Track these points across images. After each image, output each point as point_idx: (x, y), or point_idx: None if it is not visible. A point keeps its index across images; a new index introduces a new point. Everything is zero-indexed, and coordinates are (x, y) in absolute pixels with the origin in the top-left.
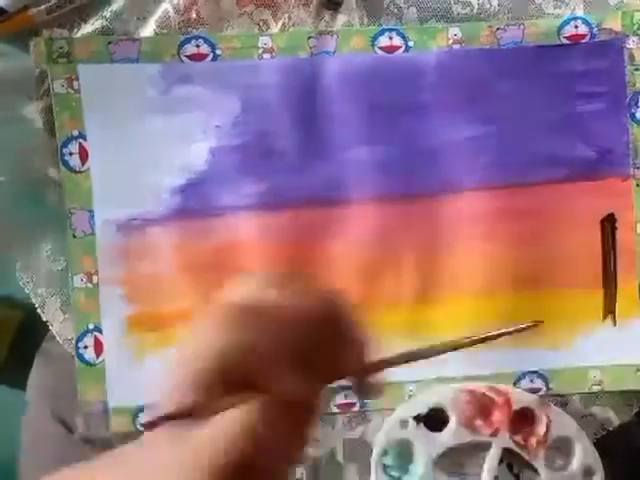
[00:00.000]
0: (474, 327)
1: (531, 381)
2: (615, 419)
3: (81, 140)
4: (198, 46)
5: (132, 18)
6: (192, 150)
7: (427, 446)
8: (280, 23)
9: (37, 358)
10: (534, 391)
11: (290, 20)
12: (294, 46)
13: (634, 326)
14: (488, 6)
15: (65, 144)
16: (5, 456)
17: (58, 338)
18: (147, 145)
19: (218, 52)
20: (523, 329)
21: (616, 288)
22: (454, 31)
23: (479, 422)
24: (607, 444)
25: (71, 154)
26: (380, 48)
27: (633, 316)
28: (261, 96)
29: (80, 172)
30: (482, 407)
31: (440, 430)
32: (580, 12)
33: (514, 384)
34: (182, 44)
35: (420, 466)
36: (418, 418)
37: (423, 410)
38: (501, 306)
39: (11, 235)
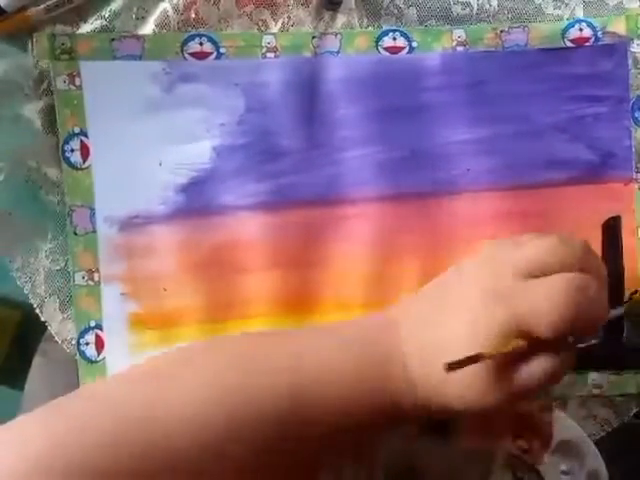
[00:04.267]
0: None
1: None
2: (614, 420)
3: (82, 137)
4: (202, 44)
5: (131, 18)
6: (195, 148)
7: (431, 453)
8: (279, 23)
9: (35, 358)
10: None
11: (289, 20)
12: (298, 45)
13: None
14: (488, 6)
15: (67, 141)
16: None
17: (57, 338)
18: (150, 143)
19: (222, 50)
20: None
21: (623, 290)
22: (458, 33)
23: (481, 427)
24: (606, 445)
25: (72, 151)
26: (384, 49)
27: None
28: (265, 95)
29: (81, 169)
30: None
31: (442, 437)
32: (580, 13)
33: None
34: (185, 42)
35: (423, 473)
36: (420, 425)
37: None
38: None
39: (10, 235)
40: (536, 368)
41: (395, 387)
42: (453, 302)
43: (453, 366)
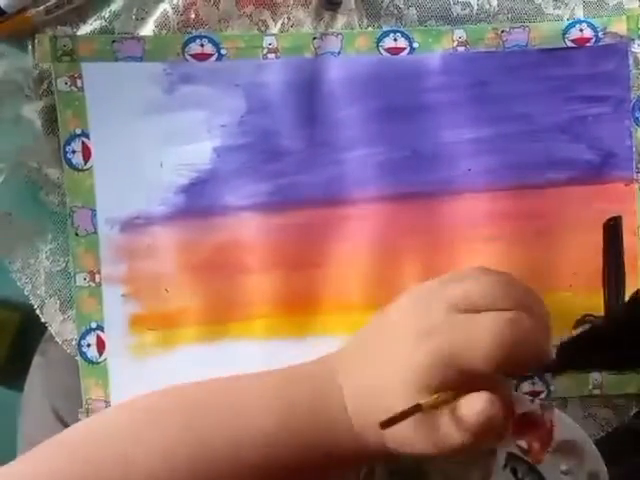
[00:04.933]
0: None
1: (532, 384)
2: (615, 420)
3: (84, 138)
4: (202, 45)
5: (131, 18)
6: (196, 149)
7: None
8: (279, 24)
9: (35, 358)
10: (535, 394)
11: (289, 21)
12: (299, 46)
13: None
14: (488, 6)
15: (68, 142)
16: (5, 456)
17: (57, 339)
18: (151, 144)
19: (223, 52)
20: None
21: (624, 290)
22: (459, 33)
23: None
24: (607, 446)
25: (74, 152)
26: (385, 49)
27: None
28: (266, 96)
29: (83, 170)
30: None
31: None
32: (580, 12)
33: (516, 386)
34: (186, 43)
35: (424, 474)
36: None
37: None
38: None
39: (10, 236)
40: (467, 412)
41: (337, 439)
42: (386, 347)
43: (386, 424)
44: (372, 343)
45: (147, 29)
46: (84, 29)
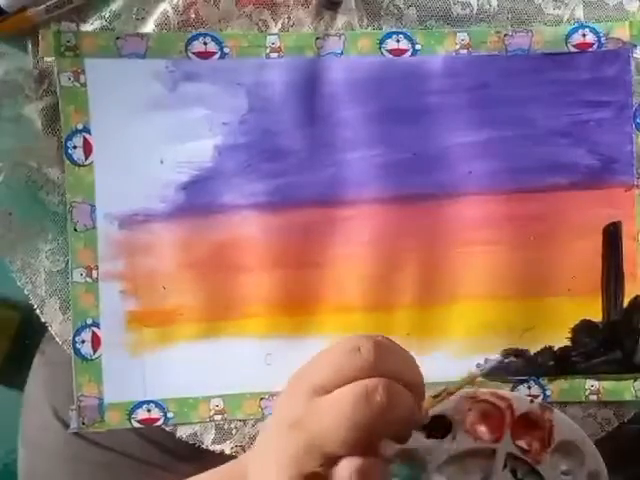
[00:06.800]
0: (475, 331)
1: (529, 388)
2: (614, 420)
3: (85, 134)
4: (205, 43)
5: (131, 18)
6: (197, 147)
7: (430, 454)
8: (279, 23)
9: (35, 358)
10: (532, 398)
11: (289, 20)
12: (301, 46)
13: None
14: (488, 7)
15: (69, 137)
16: (5, 456)
17: (57, 339)
18: (152, 141)
19: (226, 50)
20: None
21: (623, 296)
22: (461, 36)
23: (482, 428)
24: (606, 445)
25: (75, 147)
26: (387, 51)
27: None
28: (268, 95)
29: (83, 166)
30: (485, 413)
31: (443, 437)
32: (580, 12)
33: (511, 390)
34: (190, 41)
35: (423, 474)
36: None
37: (425, 418)
38: (502, 310)
39: (10, 235)
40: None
41: None
42: (272, 439)
43: None
44: (267, 435)
45: (147, 29)
46: (84, 28)
